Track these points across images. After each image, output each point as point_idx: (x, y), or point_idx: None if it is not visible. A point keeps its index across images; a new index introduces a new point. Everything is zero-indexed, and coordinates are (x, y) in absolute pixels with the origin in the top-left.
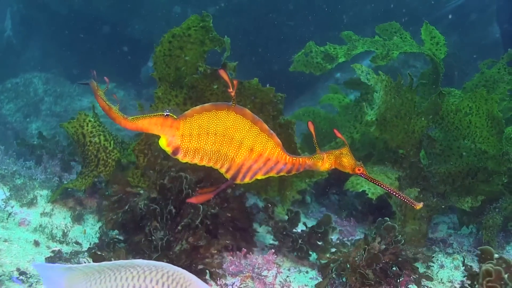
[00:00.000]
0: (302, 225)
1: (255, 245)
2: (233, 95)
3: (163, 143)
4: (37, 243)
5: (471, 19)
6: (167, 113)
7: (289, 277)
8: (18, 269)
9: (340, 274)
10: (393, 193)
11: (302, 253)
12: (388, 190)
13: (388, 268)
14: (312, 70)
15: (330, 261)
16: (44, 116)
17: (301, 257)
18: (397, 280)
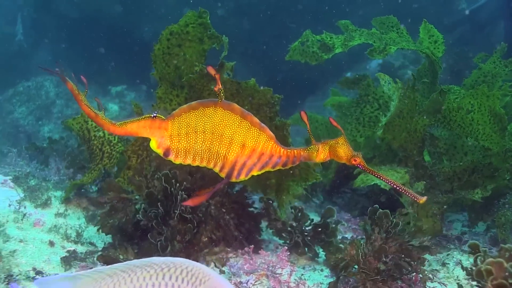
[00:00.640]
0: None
1: (259, 242)
2: (216, 89)
3: (154, 145)
4: (52, 243)
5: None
6: (155, 115)
7: (303, 275)
8: (34, 268)
9: (348, 273)
10: (394, 186)
11: (310, 251)
12: (388, 183)
13: (399, 259)
14: (308, 59)
15: (338, 260)
16: (56, 119)
17: (313, 254)
18: (409, 274)
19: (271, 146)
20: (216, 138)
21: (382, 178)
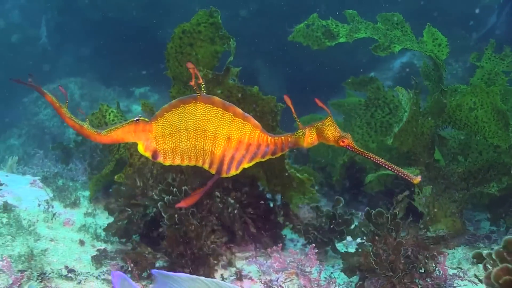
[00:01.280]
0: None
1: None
2: (193, 84)
3: (141, 149)
4: (82, 242)
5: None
6: (137, 118)
7: (333, 273)
8: (66, 267)
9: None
10: (386, 166)
11: (333, 249)
12: (380, 163)
13: (416, 253)
14: (310, 43)
15: (354, 268)
16: (81, 121)
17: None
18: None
19: (257, 135)
20: (200, 134)
21: (373, 159)
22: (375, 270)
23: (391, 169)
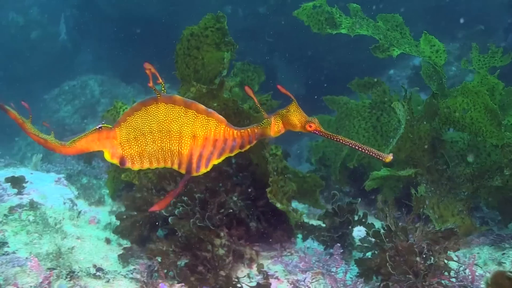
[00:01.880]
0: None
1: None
2: (151, 85)
3: (108, 156)
4: (108, 241)
5: None
6: (100, 126)
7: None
8: (94, 265)
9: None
10: (356, 147)
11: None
12: (350, 145)
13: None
14: (312, 24)
15: (370, 272)
16: (100, 118)
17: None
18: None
19: (223, 130)
20: (165, 135)
21: (342, 141)
22: (394, 275)
23: (361, 149)
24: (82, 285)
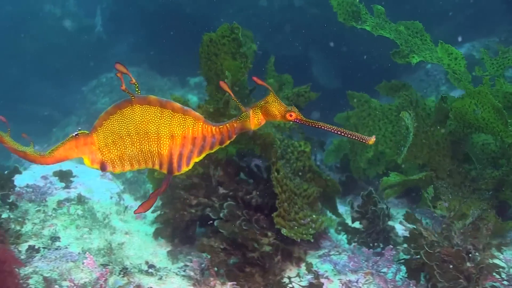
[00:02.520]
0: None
1: None
2: (123, 88)
3: (88, 163)
4: (156, 236)
5: None
6: (76, 133)
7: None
8: (146, 262)
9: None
10: (338, 132)
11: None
12: (331, 130)
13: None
14: (339, 13)
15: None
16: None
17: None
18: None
19: (201, 127)
20: (143, 137)
21: (323, 127)
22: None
23: (344, 134)
24: (136, 282)
